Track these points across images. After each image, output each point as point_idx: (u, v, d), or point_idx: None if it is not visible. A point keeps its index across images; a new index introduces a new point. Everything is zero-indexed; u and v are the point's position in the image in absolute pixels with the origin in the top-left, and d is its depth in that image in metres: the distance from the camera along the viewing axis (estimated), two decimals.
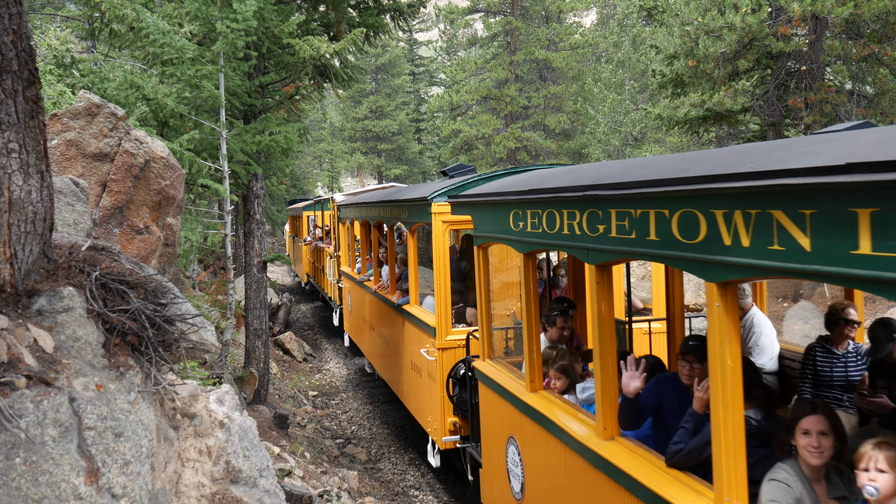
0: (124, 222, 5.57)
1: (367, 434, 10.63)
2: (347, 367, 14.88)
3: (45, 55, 9.74)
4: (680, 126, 15.89)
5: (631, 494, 3.48)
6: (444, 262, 7.52)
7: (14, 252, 2.68)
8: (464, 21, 34.10)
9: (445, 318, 7.50)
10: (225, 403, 3.74)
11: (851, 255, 2.16)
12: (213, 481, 3.38)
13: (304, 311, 21.55)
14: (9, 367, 2.40)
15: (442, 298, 7.42)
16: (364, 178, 54.46)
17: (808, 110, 13.16)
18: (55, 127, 5.39)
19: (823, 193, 2.24)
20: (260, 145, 8.18)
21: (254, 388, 9.00)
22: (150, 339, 2.96)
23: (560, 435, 4.35)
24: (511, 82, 30.49)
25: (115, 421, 2.64)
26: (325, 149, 45.28)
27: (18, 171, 2.69)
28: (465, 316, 8.19)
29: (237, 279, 14.24)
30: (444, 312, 7.47)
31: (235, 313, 8.91)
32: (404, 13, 10.20)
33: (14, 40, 2.63)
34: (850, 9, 11.52)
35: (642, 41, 26.76)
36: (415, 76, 50.50)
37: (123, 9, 7.41)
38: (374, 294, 10.83)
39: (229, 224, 8.18)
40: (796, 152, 2.50)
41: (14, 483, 2.26)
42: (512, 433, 5.32)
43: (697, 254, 2.91)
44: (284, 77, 9.44)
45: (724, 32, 12.71)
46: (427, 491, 8.42)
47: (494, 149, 29.42)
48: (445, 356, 7.50)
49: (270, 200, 27.81)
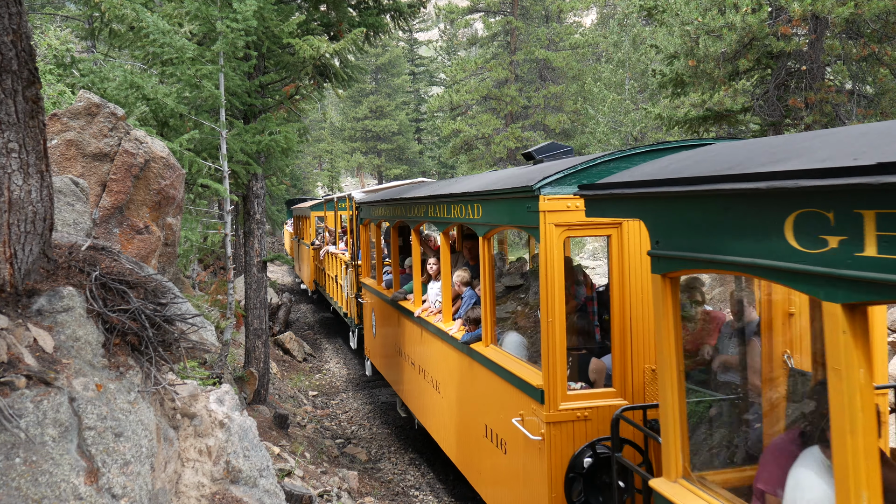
0: (124, 222, 5.57)
1: (367, 434, 10.63)
2: (347, 367, 14.88)
3: (45, 55, 9.75)
4: (680, 126, 15.89)
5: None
6: (558, 285, 4.79)
7: (14, 252, 2.68)
8: (464, 21, 34.13)
9: (560, 373, 4.82)
10: (225, 403, 3.74)
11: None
12: (213, 481, 3.37)
13: (304, 311, 21.55)
14: (9, 367, 2.39)
15: (555, 343, 4.78)
16: (364, 177, 54.50)
17: (808, 110, 13.16)
18: (55, 127, 5.39)
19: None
20: (260, 145, 8.18)
21: (254, 388, 9.00)
22: (150, 339, 2.96)
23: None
24: (511, 82, 30.50)
25: (115, 421, 2.64)
26: (325, 149, 45.32)
27: (18, 170, 2.69)
28: (586, 370, 5.46)
29: (237, 279, 14.25)
30: (557, 365, 4.80)
31: (235, 313, 8.91)
32: (404, 13, 10.20)
33: (14, 40, 2.63)
34: (850, 8, 11.52)
35: (642, 41, 26.75)
36: (415, 76, 50.52)
37: (123, 8, 7.41)
38: (419, 321, 8.21)
39: (229, 224, 8.18)
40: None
41: (14, 483, 2.26)
42: None
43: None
44: (284, 77, 9.45)
45: (724, 32, 12.71)
46: (427, 491, 8.42)
47: (494, 149, 29.43)
48: (561, 435, 4.85)
49: (270, 200, 27.82)
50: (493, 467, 5.96)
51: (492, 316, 6.07)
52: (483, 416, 6.14)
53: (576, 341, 5.63)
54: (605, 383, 5.21)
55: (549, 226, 4.81)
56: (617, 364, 4.99)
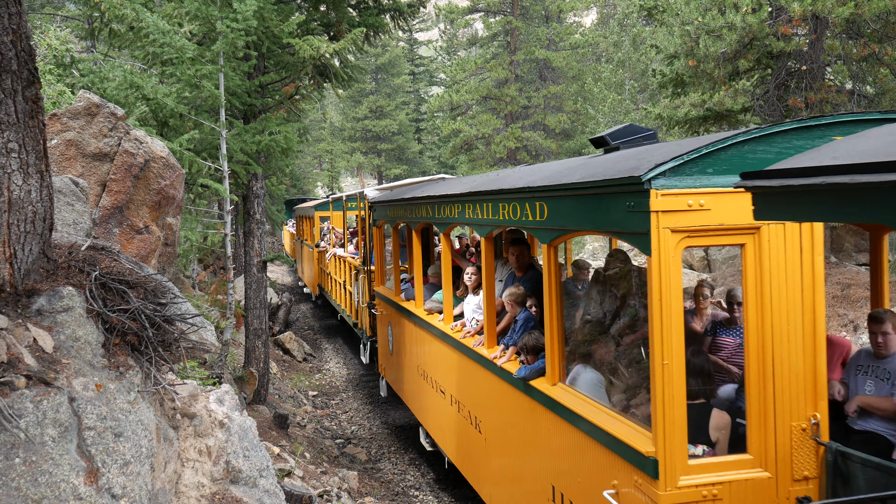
0: (124, 222, 5.57)
1: (367, 434, 10.63)
2: (347, 367, 14.88)
3: (45, 55, 9.75)
4: (680, 126, 15.89)
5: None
6: (676, 314, 3.58)
7: (14, 252, 2.68)
8: (464, 21, 34.15)
9: (679, 436, 3.56)
10: (225, 403, 3.74)
11: None
12: (213, 481, 3.37)
13: (304, 311, 21.55)
14: (8, 367, 2.39)
15: (673, 393, 3.56)
16: (364, 177, 54.54)
17: (809, 110, 13.17)
18: (55, 127, 5.39)
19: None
20: (260, 145, 8.19)
21: (254, 388, 9.00)
22: (150, 339, 2.96)
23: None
24: (511, 82, 30.50)
25: (114, 421, 2.64)
26: (325, 149, 45.34)
27: (18, 170, 2.69)
28: (704, 426, 4.00)
29: (237, 279, 14.26)
30: (675, 425, 3.55)
31: (235, 313, 8.91)
32: (404, 13, 10.21)
33: (13, 40, 2.63)
34: (850, 8, 11.52)
35: (642, 41, 26.77)
36: (415, 76, 50.53)
37: (123, 9, 7.42)
38: (452, 343, 6.90)
39: (229, 224, 8.18)
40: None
41: (14, 483, 2.25)
42: None
43: None
44: (284, 77, 9.45)
45: (724, 32, 12.71)
46: (427, 491, 8.42)
47: (494, 149, 29.44)
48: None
49: (270, 200, 27.83)
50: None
51: (560, 346, 4.81)
52: (549, 476, 4.82)
53: (690, 384, 3.85)
54: (733, 444, 3.90)
55: (664, 232, 3.50)
56: (753, 419, 3.68)
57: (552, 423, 4.70)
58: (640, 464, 3.64)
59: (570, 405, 4.42)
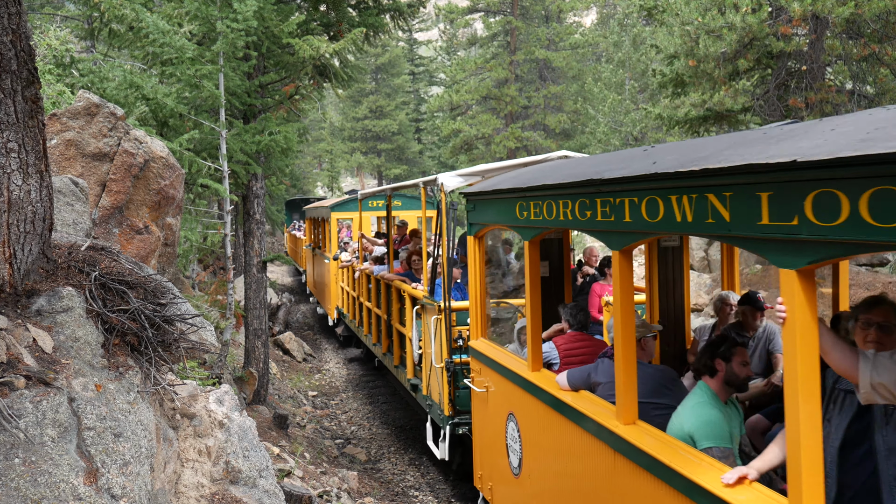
0: (124, 222, 5.57)
1: (367, 434, 10.63)
2: (347, 368, 14.88)
3: (45, 55, 9.74)
4: (680, 126, 15.90)
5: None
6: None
7: (13, 252, 2.68)
8: (464, 21, 34.13)
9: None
10: (224, 403, 3.74)
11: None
12: (213, 481, 3.37)
13: (304, 311, 21.55)
14: (8, 368, 2.39)
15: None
16: (364, 177, 54.56)
17: (809, 110, 13.17)
18: (54, 127, 5.39)
19: None
20: (260, 145, 8.19)
21: (253, 389, 9.00)
22: (150, 339, 2.96)
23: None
24: (511, 82, 30.51)
25: (114, 421, 2.64)
26: (324, 149, 45.31)
27: (17, 170, 2.69)
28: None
29: (237, 279, 14.25)
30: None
31: (235, 313, 8.91)
32: (404, 13, 10.21)
33: (13, 40, 2.63)
34: (850, 8, 11.52)
35: (642, 41, 26.77)
36: (415, 76, 50.52)
37: (123, 9, 7.42)
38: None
39: (229, 224, 8.18)
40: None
41: (13, 483, 2.25)
42: None
43: None
44: (284, 77, 9.45)
45: (724, 32, 12.71)
46: (427, 491, 8.42)
47: (494, 148, 29.45)
48: None
49: (270, 200, 27.83)
50: None
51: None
52: None
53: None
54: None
55: None
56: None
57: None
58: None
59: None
